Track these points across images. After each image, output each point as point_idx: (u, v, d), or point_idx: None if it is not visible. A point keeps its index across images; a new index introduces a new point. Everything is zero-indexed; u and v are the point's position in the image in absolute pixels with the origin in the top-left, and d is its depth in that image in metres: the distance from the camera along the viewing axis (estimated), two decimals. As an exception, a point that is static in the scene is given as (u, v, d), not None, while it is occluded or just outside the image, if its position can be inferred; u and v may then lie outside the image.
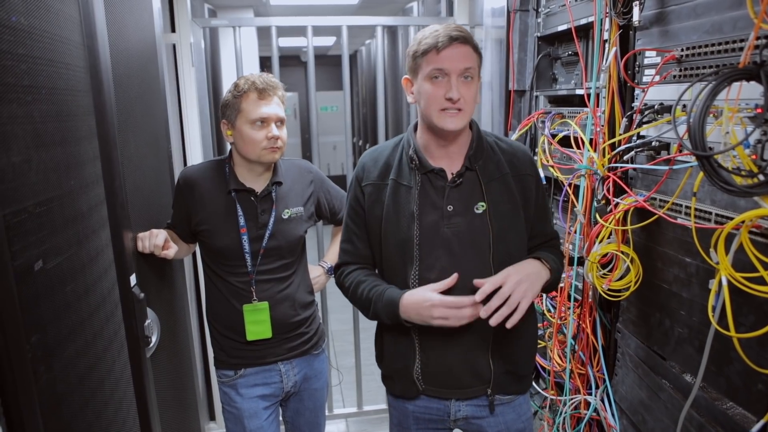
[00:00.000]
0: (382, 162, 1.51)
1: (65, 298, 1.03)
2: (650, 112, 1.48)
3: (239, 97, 1.72)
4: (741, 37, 1.18)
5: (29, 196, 0.92)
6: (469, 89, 1.38)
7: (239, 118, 1.72)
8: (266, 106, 1.71)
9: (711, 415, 1.32)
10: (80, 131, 1.15)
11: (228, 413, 1.88)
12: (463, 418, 1.52)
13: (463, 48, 1.37)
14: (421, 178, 1.45)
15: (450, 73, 1.36)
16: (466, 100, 1.37)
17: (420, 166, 1.45)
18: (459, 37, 1.36)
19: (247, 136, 1.71)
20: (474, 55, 1.39)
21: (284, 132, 1.77)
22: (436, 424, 1.56)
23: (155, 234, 1.65)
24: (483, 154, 1.46)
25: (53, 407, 0.95)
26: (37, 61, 0.97)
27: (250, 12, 3.95)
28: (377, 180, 1.50)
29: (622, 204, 1.60)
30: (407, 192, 1.45)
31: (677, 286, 1.46)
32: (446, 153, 1.46)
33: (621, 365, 1.75)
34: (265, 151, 1.72)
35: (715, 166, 1.11)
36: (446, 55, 1.35)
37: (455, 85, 1.35)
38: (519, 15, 2.26)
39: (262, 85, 1.71)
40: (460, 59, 1.36)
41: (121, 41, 1.56)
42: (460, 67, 1.35)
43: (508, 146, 1.51)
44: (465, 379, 1.49)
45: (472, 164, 1.44)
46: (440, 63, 1.35)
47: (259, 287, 1.79)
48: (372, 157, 1.55)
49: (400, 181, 1.46)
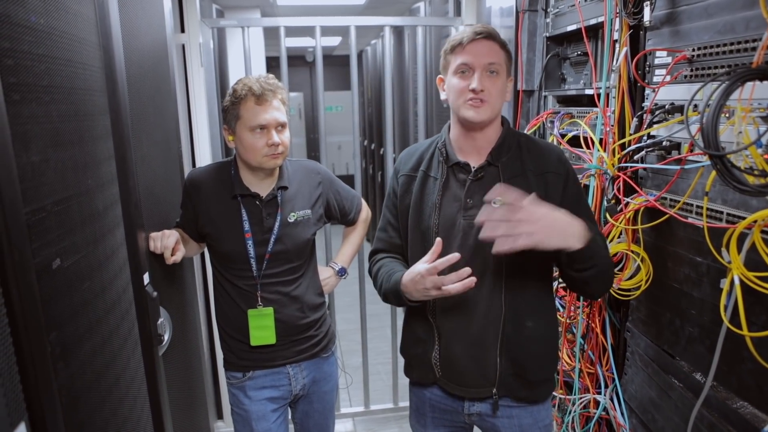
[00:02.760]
0: (417, 155, 1.59)
1: (82, 296, 1.04)
2: (661, 112, 1.49)
3: (237, 103, 1.68)
4: (754, 37, 1.19)
5: (48, 194, 0.93)
6: (494, 83, 1.42)
7: (239, 124, 1.69)
8: (265, 113, 1.67)
9: (722, 414, 1.32)
10: (96, 131, 1.16)
11: (236, 415, 1.88)
12: (476, 413, 1.53)
13: (488, 43, 1.42)
14: (447, 170, 1.50)
15: (474, 66, 1.41)
16: (490, 92, 1.41)
17: (446, 159, 1.50)
18: (483, 32, 1.41)
19: (247, 143, 1.69)
20: (500, 52, 1.43)
21: (286, 135, 1.73)
22: (452, 415, 1.57)
23: (167, 235, 1.66)
24: (509, 151, 1.47)
25: (72, 403, 0.96)
26: (56, 61, 0.98)
27: (257, 12, 3.97)
28: (410, 171, 1.58)
29: (632, 203, 1.61)
30: (433, 183, 1.51)
31: (688, 286, 1.46)
32: (474, 148, 1.49)
33: (630, 364, 1.75)
34: (266, 158, 1.69)
35: (728, 165, 1.11)
36: (470, 49, 1.41)
37: (478, 78, 1.40)
38: (528, 15, 2.26)
39: (259, 90, 1.66)
40: (485, 54, 1.41)
41: (134, 42, 1.57)
42: (484, 61, 1.40)
43: (537, 146, 1.50)
44: (473, 378, 1.49)
45: (495, 160, 1.45)
46: (465, 57, 1.41)
47: (264, 291, 1.77)
48: (409, 152, 1.64)
49: (429, 173, 1.53)
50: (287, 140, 1.73)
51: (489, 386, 1.48)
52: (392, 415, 3.24)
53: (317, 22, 2.71)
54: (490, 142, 1.48)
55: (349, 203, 2.00)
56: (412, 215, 1.53)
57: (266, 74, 1.76)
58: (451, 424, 1.60)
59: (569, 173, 1.48)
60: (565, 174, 1.46)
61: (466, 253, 1.44)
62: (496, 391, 1.47)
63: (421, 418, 1.63)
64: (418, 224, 1.52)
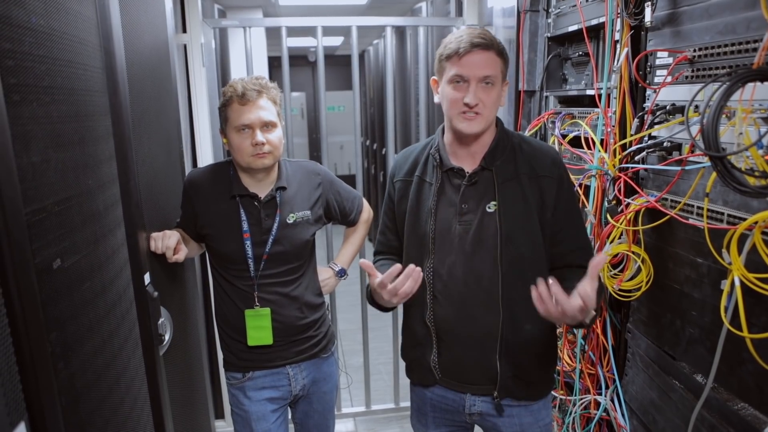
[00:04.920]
0: (412, 160, 1.58)
1: (83, 296, 1.04)
2: (662, 112, 1.48)
3: (225, 105, 1.70)
4: (755, 38, 1.18)
5: (48, 195, 0.93)
6: (489, 95, 1.40)
7: (228, 126, 1.71)
8: (248, 112, 1.66)
9: (723, 416, 1.32)
10: (97, 131, 1.16)
11: (236, 415, 1.88)
12: (477, 413, 1.53)
13: (484, 54, 1.38)
14: (441, 175, 1.49)
15: (470, 79, 1.38)
16: (485, 104, 1.39)
17: (441, 164, 1.49)
18: (480, 44, 1.37)
19: (234, 143, 1.70)
20: (497, 61, 1.40)
21: (274, 135, 1.71)
22: (453, 415, 1.57)
23: (168, 235, 1.66)
24: (503, 154, 1.46)
25: (72, 403, 0.96)
26: (57, 62, 0.98)
27: (259, 12, 3.97)
28: (405, 176, 1.57)
29: (633, 204, 1.60)
30: (429, 188, 1.50)
31: (688, 287, 1.45)
32: (468, 152, 1.49)
33: (631, 365, 1.75)
34: (253, 158, 1.69)
35: (728, 166, 1.11)
36: (466, 61, 1.38)
37: (473, 91, 1.38)
38: (529, 15, 2.26)
39: (242, 90, 1.66)
40: (481, 66, 1.38)
41: (135, 42, 1.57)
42: (480, 74, 1.38)
43: (531, 147, 1.49)
44: (474, 375, 1.50)
45: (489, 164, 1.45)
46: (461, 69, 1.38)
47: (262, 291, 1.77)
48: (404, 156, 1.63)
49: (424, 178, 1.52)
50: (276, 139, 1.71)
51: (490, 385, 1.49)
52: (393, 415, 3.24)
53: (319, 22, 2.71)
54: (484, 147, 1.47)
55: (350, 204, 1.99)
56: (409, 220, 1.53)
57: (257, 75, 1.76)
58: (452, 424, 1.60)
59: (563, 177, 1.47)
60: (558, 178, 1.46)
61: (461, 258, 1.44)
62: (497, 393, 1.48)
63: (423, 417, 1.64)
64: (414, 230, 1.52)
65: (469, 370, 1.50)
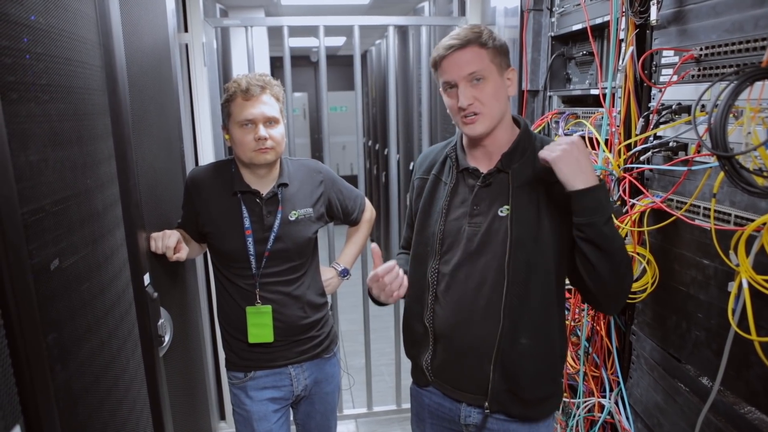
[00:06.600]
0: (431, 158, 1.58)
1: (81, 297, 1.03)
2: (668, 112, 1.47)
3: (228, 101, 1.71)
4: (763, 36, 1.17)
5: (46, 194, 0.92)
6: (482, 90, 1.34)
7: (230, 121, 1.72)
8: (252, 107, 1.68)
9: (729, 420, 1.30)
10: (96, 130, 1.15)
11: (238, 415, 1.88)
12: (473, 424, 1.48)
13: (462, 52, 1.33)
14: (456, 175, 1.47)
15: (456, 81, 1.35)
16: (481, 101, 1.34)
17: (456, 164, 1.47)
18: (454, 44, 1.33)
19: (237, 138, 1.71)
20: (480, 53, 1.33)
21: (277, 130, 1.72)
22: (449, 423, 1.54)
23: (168, 235, 1.66)
24: (521, 156, 1.40)
25: (69, 405, 0.95)
26: (55, 60, 0.97)
27: (261, 12, 3.96)
28: (423, 174, 1.57)
29: (638, 205, 1.59)
30: (443, 188, 1.49)
31: (694, 289, 1.44)
32: (484, 152, 1.45)
33: (636, 368, 1.73)
34: (255, 153, 1.70)
35: (736, 166, 1.09)
36: (447, 65, 1.35)
37: (463, 92, 1.34)
38: (532, 14, 2.25)
39: (246, 86, 1.68)
40: (462, 66, 1.33)
41: (135, 41, 1.57)
42: (463, 74, 1.33)
43: None
44: (467, 382, 1.45)
45: (506, 166, 1.39)
46: (444, 75, 1.37)
47: (264, 290, 1.77)
48: (425, 154, 1.63)
49: (440, 177, 1.51)
50: (278, 135, 1.72)
51: (482, 395, 1.42)
52: (395, 417, 3.22)
53: (321, 21, 2.70)
54: (501, 147, 1.41)
55: (352, 203, 1.99)
56: (420, 218, 1.52)
57: (260, 72, 1.78)
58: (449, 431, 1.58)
59: None
60: None
61: (466, 261, 1.41)
62: (489, 405, 1.41)
63: (421, 423, 1.62)
64: (424, 228, 1.50)
65: (462, 377, 1.46)
